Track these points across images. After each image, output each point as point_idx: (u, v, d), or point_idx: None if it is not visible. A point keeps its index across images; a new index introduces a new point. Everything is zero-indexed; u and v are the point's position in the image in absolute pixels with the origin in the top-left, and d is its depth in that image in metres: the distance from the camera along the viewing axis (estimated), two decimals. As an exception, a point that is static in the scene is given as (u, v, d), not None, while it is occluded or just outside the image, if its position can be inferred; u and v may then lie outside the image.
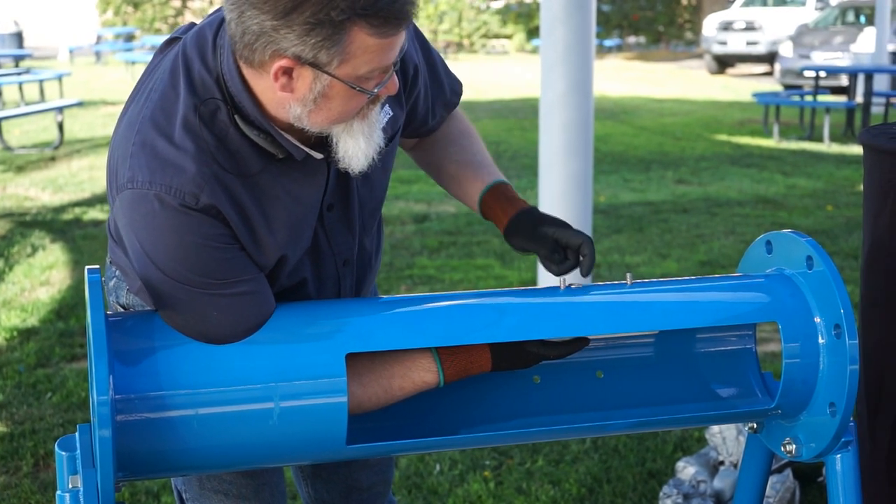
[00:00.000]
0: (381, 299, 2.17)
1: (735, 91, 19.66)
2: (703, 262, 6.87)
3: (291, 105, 1.83)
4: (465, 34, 31.32)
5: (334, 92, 1.81)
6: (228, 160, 1.86)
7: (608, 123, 14.40)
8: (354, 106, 1.85)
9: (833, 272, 2.05)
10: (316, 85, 1.79)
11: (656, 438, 4.13)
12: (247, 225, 1.89)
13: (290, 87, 1.80)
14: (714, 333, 2.28)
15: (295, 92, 1.81)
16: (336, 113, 1.85)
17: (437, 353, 2.00)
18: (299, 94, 1.81)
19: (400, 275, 6.57)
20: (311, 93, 1.80)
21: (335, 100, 1.82)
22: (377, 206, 2.20)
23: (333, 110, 1.84)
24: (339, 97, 1.82)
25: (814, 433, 2.12)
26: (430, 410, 2.15)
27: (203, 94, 1.86)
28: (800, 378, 2.08)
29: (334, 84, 1.80)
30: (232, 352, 1.89)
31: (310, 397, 1.90)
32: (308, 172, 1.98)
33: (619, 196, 9.25)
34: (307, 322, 1.97)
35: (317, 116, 1.84)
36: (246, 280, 1.90)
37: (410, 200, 8.96)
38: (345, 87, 1.80)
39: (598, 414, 2.18)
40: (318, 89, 1.80)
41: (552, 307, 2.06)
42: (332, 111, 1.84)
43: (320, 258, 2.10)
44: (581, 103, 5.16)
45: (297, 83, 1.80)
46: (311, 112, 1.83)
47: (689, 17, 32.94)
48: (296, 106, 1.83)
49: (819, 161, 11.27)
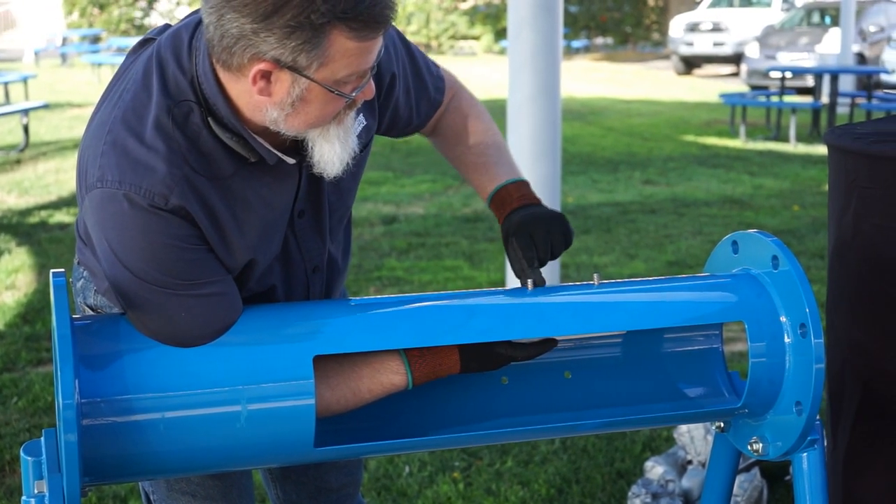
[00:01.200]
0: (349, 301, 2.17)
1: (702, 92, 19.75)
2: (671, 263, 6.90)
3: (268, 109, 1.82)
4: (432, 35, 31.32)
5: (312, 96, 1.81)
6: (200, 162, 1.86)
7: (576, 124, 14.43)
8: (331, 110, 1.86)
9: (798, 272, 2.07)
10: (294, 89, 1.80)
11: (625, 438, 4.15)
12: (216, 227, 1.89)
13: (268, 90, 1.80)
14: (681, 333, 2.29)
15: (273, 96, 1.81)
16: (313, 117, 1.85)
17: (406, 355, 2.00)
18: (277, 98, 1.81)
19: (369, 276, 6.56)
20: (288, 97, 1.80)
21: (313, 104, 1.82)
22: (345, 213, 2.20)
23: (311, 114, 1.84)
24: (317, 101, 1.82)
25: (780, 432, 2.13)
26: (399, 412, 2.15)
27: (177, 95, 1.86)
28: (766, 377, 2.09)
29: (312, 88, 1.80)
30: (199, 354, 1.88)
31: (277, 400, 1.89)
32: (280, 177, 1.97)
33: (587, 197, 9.28)
34: (275, 324, 1.96)
35: (294, 120, 1.84)
36: (214, 282, 1.89)
37: (379, 202, 8.96)
38: (323, 90, 1.80)
39: (566, 414, 2.18)
40: (296, 93, 1.80)
41: (520, 308, 2.06)
42: (309, 115, 1.84)
43: (290, 264, 2.10)
44: (549, 105, 5.17)
45: (276, 87, 1.79)
46: (289, 116, 1.83)
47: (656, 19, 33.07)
48: (273, 110, 1.82)
49: (785, 161, 11.34)
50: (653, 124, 14.69)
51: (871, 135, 2.60)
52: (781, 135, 13.16)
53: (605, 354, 2.27)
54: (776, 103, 13.53)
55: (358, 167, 2.11)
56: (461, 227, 7.93)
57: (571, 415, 2.18)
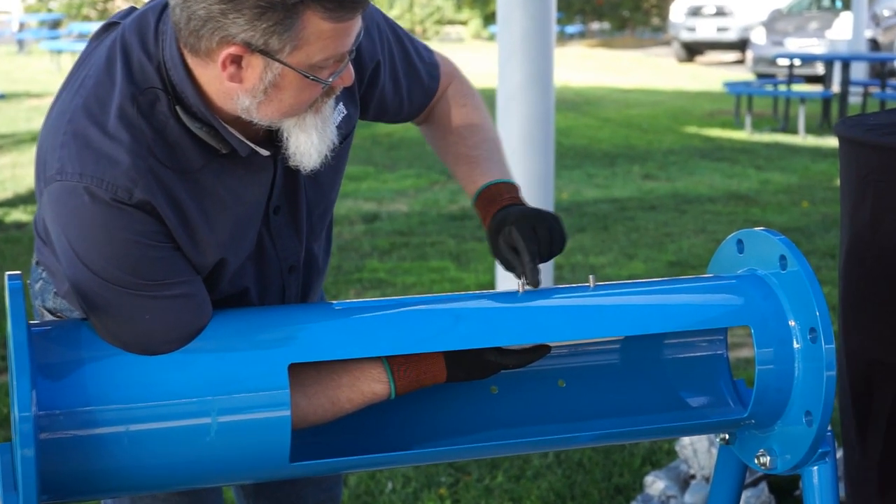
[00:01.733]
0: (327, 305, 2.17)
1: (705, 80, 19.79)
2: (672, 263, 6.91)
3: (239, 96, 1.82)
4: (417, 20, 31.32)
5: (286, 82, 1.81)
6: (166, 154, 1.85)
7: (570, 115, 14.44)
8: (307, 97, 1.85)
9: (808, 272, 2.07)
10: (266, 74, 1.79)
11: (623, 451, 4.15)
12: (184, 224, 1.88)
13: (239, 76, 1.79)
14: (683, 339, 2.29)
15: (244, 82, 1.80)
16: (287, 105, 1.84)
17: (388, 363, 1.99)
18: (248, 84, 1.80)
19: (348, 278, 6.56)
20: (261, 83, 1.80)
21: (287, 90, 1.82)
22: (327, 209, 2.19)
23: (285, 102, 1.84)
24: (292, 87, 1.82)
25: (789, 444, 2.13)
26: (380, 424, 2.15)
27: (142, 82, 1.85)
28: (774, 386, 2.09)
29: (286, 73, 1.79)
30: (165, 363, 1.87)
31: (250, 411, 1.89)
32: (253, 170, 1.97)
33: (583, 193, 9.29)
34: (247, 330, 1.96)
35: (267, 108, 1.84)
36: (181, 282, 1.89)
37: (359, 199, 8.95)
38: (297, 76, 1.80)
39: (560, 426, 2.18)
40: (268, 79, 1.80)
41: (511, 312, 2.06)
42: (283, 103, 1.84)
43: (264, 264, 2.10)
44: (541, 94, 5.17)
45: (247, 72, 1.79)
46: (261, 104, 1.83)
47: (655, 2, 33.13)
48: (244, 97, 1.82)
49: (794, 154, 11.37)
50: (652, 115, 14.72)
51: (884, 126, 2.60)
52: (789, 126, 13.19)
53: (601, 362, 2.27)
54: (784, 92, 13.56)
55: (338, 160, 2.11)
56: (447, 226, 7.93)
57: (566, 426, 2.18)
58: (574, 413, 2.21)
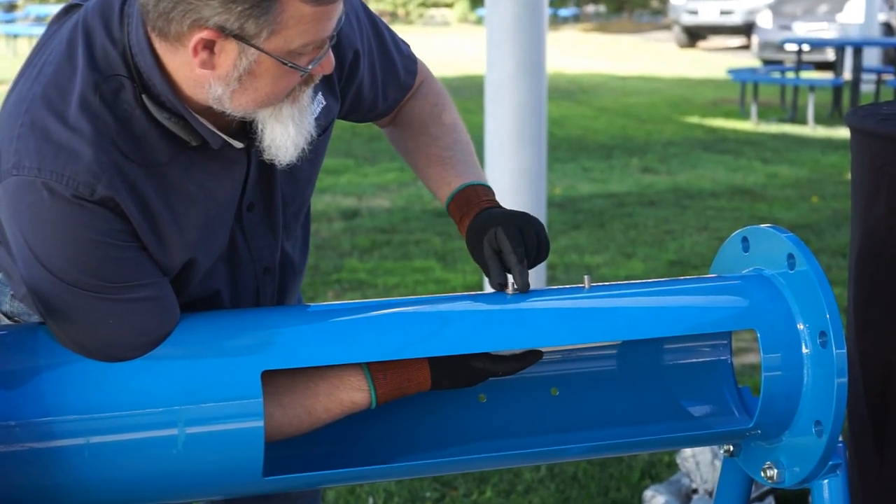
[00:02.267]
0: (303, 308, 2.16)
1: (707, 67, 19.83)
2: (673, 262, 6.92)
3: (212, 84, 1.82)
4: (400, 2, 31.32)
5: (262, 69, 1.80)
6: (132, 147, 1.85)
7: (564, 104, 14.46)
8: (285, 86, 1.85)
9: (818, 272, 2.07)
10: (241, 61, 1.79)
11: (621, 464, 4.16)
12: (150, 222, 1.88)
13: (212, 63, 1.79)
14: (685, 343, 2.29)
15: (217, 69, 1.80)
16: (263, 94, 1.84)
17: (369, 370, 1.99)
18: (222, 72, 1.80)
19: (326, 279, 6.56)
20: (235, 70, 1.80)
21: (263, 78, 1.82)
22: (302, 206, 2.19)
23: (260, 91, 1.83)
24: (268, 75, 1.82)
25: (798, 456, 2.13)
26: (361, 435, 2.15)
27: (105, 69, 1.85)
28: (781, 393, 2.10)
29: (263, 60, 1.79)
30: (129, 370, 1.87)
31: (220, 422, 1.89)
32: (225, 164, 1.97)
33: (577, 187, 9.30)
34: (218, 335, 1.96)
35: (241, 98, 1.84)
36: (147, 284, 1.88)
37: (338, 194, 8.95)
38: (275, 63, 1.80)
39: (553, 437, 2.18)
40: (243, 66, 1.79)
41: (500, 315, 2.06)
42: (258, 92, 1.83)
43: (237, 265, 2.09)
44: (533, 82, 5.18)
45: (220, 59, 1.79)
46: (235, 92, 1.83)
47: (655, -17, 33.18)
48: (217, 85, 1.82)
49: (803, 146, 11.40)
50: (651, 104, 14.74)
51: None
52: (798, 116, 13.23)
53: (597, 368, 2.28)
54: (792, 80, 13.59)
55: (316, 154, 2.11)
56: (432, 223, 7.93)
57: (559, 437, 2.18)
58: (568, 423, 2.21)
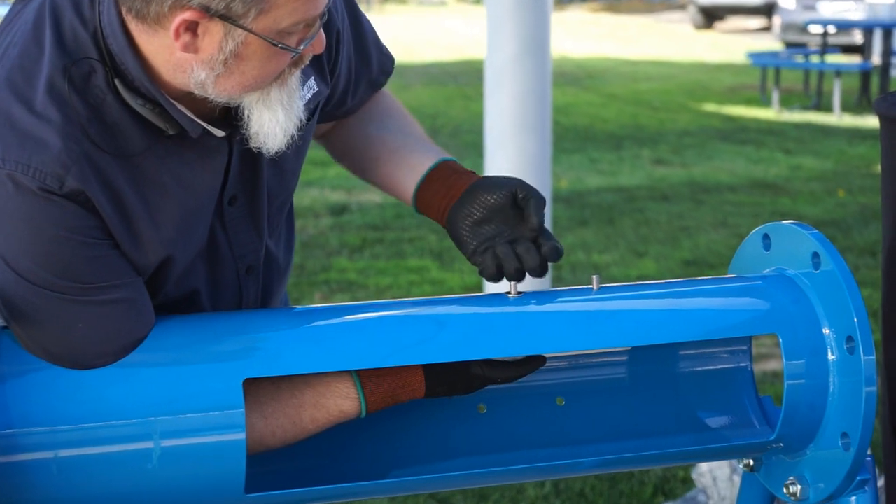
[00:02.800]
0: (288, 311, 2.16)
1: (725, 50, 19.84)
2: (688, 262, 6.93)
3: (194, 68, 1.81)
4: (392, -19, 31.32)
5: (250, 51, 1.80)
6: (103, 136, 1.84)
7: (570, 91, 14.47)
8: (274, 68, 1.85)
9: (844, 272, 2.07)
10: (228, 43, 1.78)
11: (631, 480, 4.16)
12: (123, 217, 1.87)
13: (195, 46, 1.79)
14: (701, 349, 2.29)
15: (200, 52, 1.79)
16: (251, 77, 1.84)
17: (358, 377, 1.99)
18: (206, 55, 1.80)
19: (313, 280, 6.56)
20: (220, 53, 1.79)
21: (251, 60, 1.82)
22: (287, 200, 2.19)
23: (248, 74, 1.83)
24: (256, 57, 1.81)
25: (823, 471, 2.13)
26: (350, 447, 2.15)
27: (75, 52, 1.84)
28: (805, 403, 2.10)
29: (251, 41, 1.79)
30: (100, 378, 1.86)
31: (198, 434, 1.88)
32: (205, 154, 1.96)
33: (585, 180, 9.30)
34: (196, 340, 1.96)
35: (226, 82, 1.84)
36: (120, 285, 1.88)
37: (326, 187, 8.95)
38: (263, 44, 1.80)
39: (559, 450, 2.18)
40: (230, 48, 1.79)
41: (501, 319, 2.06)
42: (245, 75, 1.83)
43: (218, 263, 2.09)
44: (536, 66, 5.18)
45: (204, 41, 1.78)
46: (220, 77, 1.82)
47: (668, -40, 33.19)
48: (200, 70, 1.81)
49: (828, 136, 11.41)
50: (665, 91, 14.75)
51: (933, 103, 2.60)
52: (823, 103, 13.23)
53: (606, 376, 2.28)
54: (816, 65, 13.60)
55: (302, 143, 2.10)
56: (428, 220, 7.92)
57: (565, 450, 2.18)
58: (574, 435, 2.21)
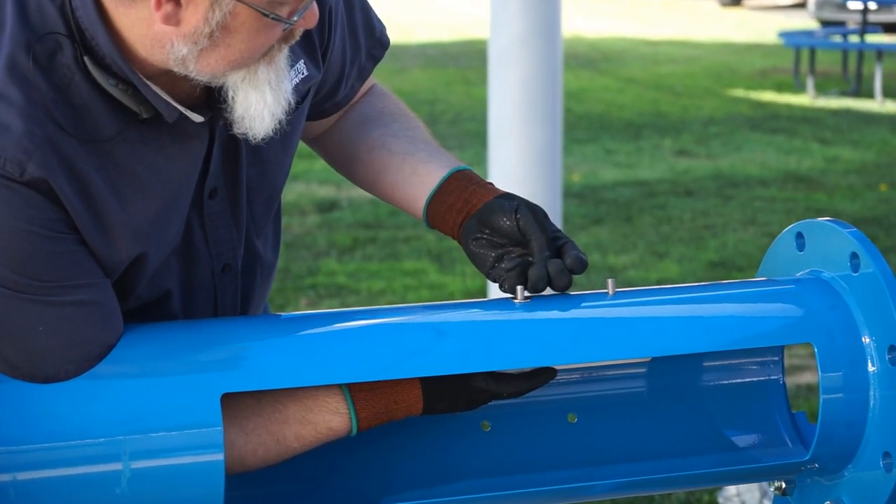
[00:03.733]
0: (272, 318, 2.17)
1: (755, 30, 19.84)
2: (714, 263, 6.93)
3: (174, 43, 1.81)
4: (386, -47, 31.34)
5: (238, 22, 1.80)
6: (70, 119, 1.85)
7: (583, 74, 14.47)
8: (263, 42, 1.85)
9: (887, 274, 2.07)
10: (214, 13, 1.78)
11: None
12: (91, 209, 1.87)
13: (177, 17, 1.79)
14: (728, 360, 2.29)
15: (183, 24, 1.79)
16: (238, 51, 1.84)
17: (349, 391, 1.99)
18: (189, 27, 1.80)
19: (299, 284, 6.56)
20: (206, 25, 1.79)
21: (238, 33, 1.82)
22: (273, 195, 2.18)
23: (234, 48, 1.83)
24: (245, 29, 1.81)
25: (863, 494, 2.13)
26: (338, 469, 2.15)
27: (40, 26, 1.84)
28: (843, 419, 2.10)
29: (240, 11, 1.79)
30: (64, 392, 1.86)
31: (172, 455, 1.88)
32: (182, 141, 1.96)
33: (600, 174, 9.30)
34: (170, 350, 1.96)
35: (210, 58, 1.84)
36: (86, 285, 1.88)
37: (313, 182, 8.95)
38: (253, 14, 1.80)
39: (571, 472, 2.18)
40: (216, 19, 1.79)
41: (507, 327, 2.06)
42: (231, 49, 1.83)
43: (192, 261, 2.09)
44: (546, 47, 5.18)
45: (188, 12, 1.78)
46: (204, 52, 1.82)
47: (692, -70, 33.21)
48: (181, 44, 1.81)
49: (869, 124, 11.41)
50: (688, 74, 14.75)
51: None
52: (863, 88, 13.23)
53: (622, 390, 2.28)
54: (856, 45, 13.59)
55: (290, 134, 2.10)
56: (426, 216, 7.93)
57: (578, 472, 2.18)
58: (588, 455, 2.21)
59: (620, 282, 2.12)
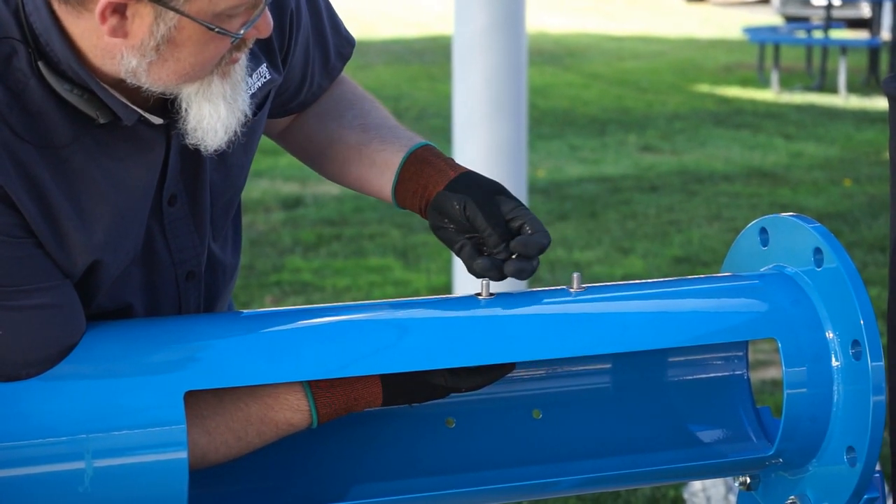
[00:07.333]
0: (235, 316, 2.17)
1: (720, 25, 19.89)
2: (678, 259, 6.95)
3: (125, 55, 1.81)
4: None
5: (184, 36, 1.80)
6: (25, 124, 1.84)
7: (548, 70, 14.48)
8: (212, 55, 1.84)
9: (850, 270, 2.08)
10: (159, 27, 1.78)
11: (617, 501, 4.17)
12: (47, 215, 1.87)
13: (123, 30, 1.78)
14: (692, 356, 2.30)
15: (130, 37, 1.79)
16: (187, 65, 1.84)
17: (310, 386, 1.99)
18: (136, 40, 1.79)
19: (263, 281, 6.54)
20: (151, 38, 1.79)
21: (186, 47, 1.81)
22: (233, 198, 2.18)
23: (183, 61, 1.83)
24: (192, 43, 1.81)
25: (827, 489, 2.14)
26: (303, 464, 2.15)
27: (-6, 31, 1.84)
28: (807, 414, 2.11)
29: (185, 25, 1.78)
30: (26, 391, 1.86)
31: (135, 453, 1.88)
32: (140, 146, 1.96)
33: (565, 169, 9.31)
34: (132, 349, 1.96)
35: (160, 70, 1.83)
36: (45, 289, 1.88)
37: (277, 178, 8.94)
38: (199, 28, 1.79)
39: (535, 468, 2.18)
40: (161, 32, 1.78)
41: (469, 324, 2.06)
42: (181, 63, 1.83)
43: (155, 269, 2.08)
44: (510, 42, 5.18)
45: (133, 25, 1.78)
46: (153, 64, 1.82)
47: (656, -75, 33.26)
48: (131, 56, 1.81)
49: (832, 119, 11.45)
50: (653, 70, 14.78)
51: (948, 82, 2.61)
52: (827, 84, 13.28)
53: (587, 386, 2.28)
54: (820, 41, 13.64)
55: (250, 138, 2.10)
56: (390, 213, 7.93)
57: (543, 468, 2.18)
58: (553, 451, 2.21)
59: (585, 277, 2.12)
